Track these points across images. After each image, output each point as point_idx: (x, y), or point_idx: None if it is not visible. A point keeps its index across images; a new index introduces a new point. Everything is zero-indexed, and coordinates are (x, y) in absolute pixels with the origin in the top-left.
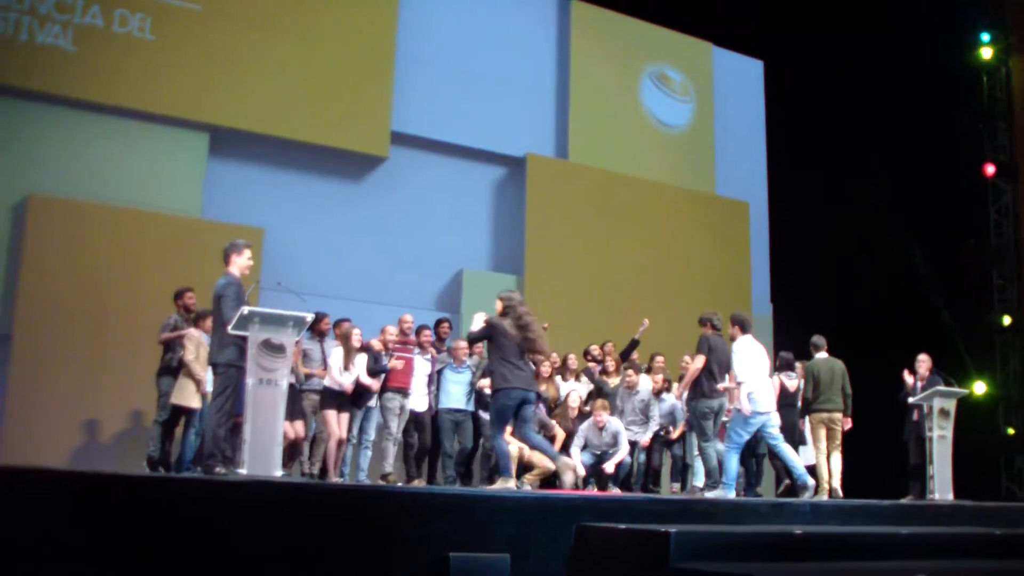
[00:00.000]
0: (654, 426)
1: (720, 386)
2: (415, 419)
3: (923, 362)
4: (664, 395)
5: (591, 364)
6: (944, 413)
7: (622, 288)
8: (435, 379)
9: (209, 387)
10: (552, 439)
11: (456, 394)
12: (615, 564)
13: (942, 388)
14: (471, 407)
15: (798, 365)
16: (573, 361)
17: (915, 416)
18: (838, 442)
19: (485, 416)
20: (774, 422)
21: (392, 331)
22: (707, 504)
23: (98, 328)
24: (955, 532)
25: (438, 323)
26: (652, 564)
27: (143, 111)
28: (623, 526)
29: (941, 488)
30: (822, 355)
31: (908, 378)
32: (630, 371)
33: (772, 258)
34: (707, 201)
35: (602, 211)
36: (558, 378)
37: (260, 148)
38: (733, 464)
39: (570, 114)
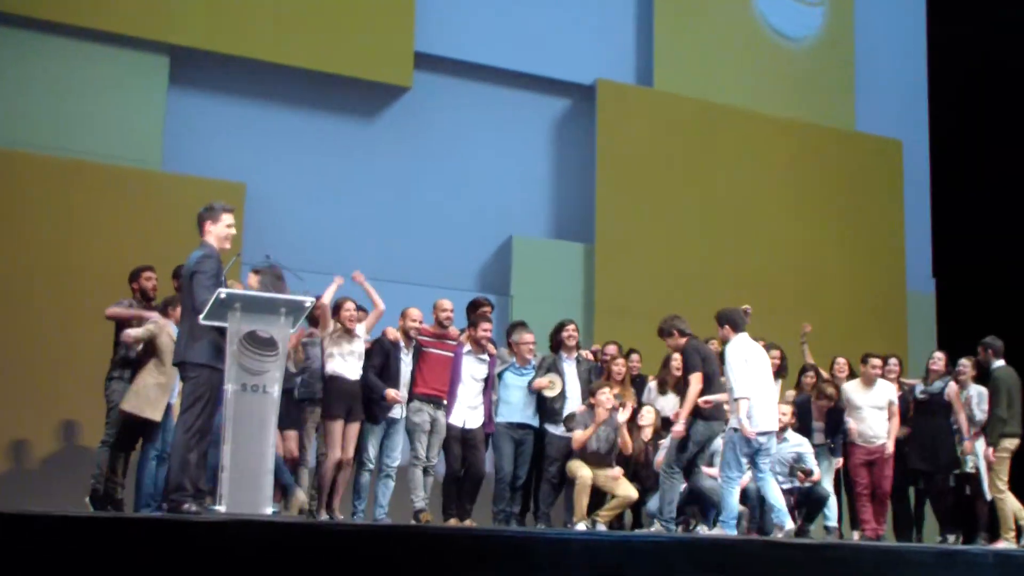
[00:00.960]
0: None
1: (704, 400)
2: (463, 438)
3: None
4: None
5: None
6: None
7: (725, 261)
8: (494, 385)
9: (175, 396)
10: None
11: (519, 403)
12: None
13: None
14: (535, 420)
15: (965, 363)
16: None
17: None
18: None
19: (554, 431)
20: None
21: (416, 315)
22: (846, 551)
23: (26, 317)
24: None
25: (474, 306)
26: None
27: (78, 26)
28: None
29: None
30: (1000, 363)
31: None
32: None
33: (935, 218)
34: (845, 140)
35: (700, 156)
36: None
37: (236, 77)
38: (734, 498)
39: (655, 25)
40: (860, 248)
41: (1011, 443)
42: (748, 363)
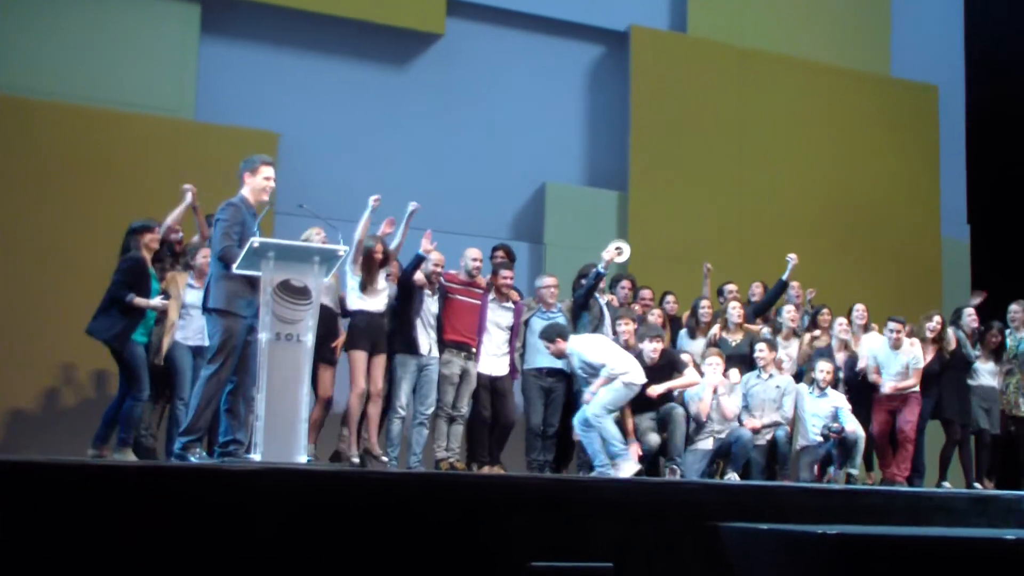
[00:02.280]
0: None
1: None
2: (492, 386)
3: None
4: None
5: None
6: None
7: (761, 208)
8: (520, 333)
9: (199, 339)
10: None
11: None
12: None
13: None
14: (566, 365)
15: (1016, 308)
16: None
17: None
18: None
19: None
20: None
21: (438, 257)
22: (879, 497)
23: (58, 269)
24: None
25: (498, 251)
26: None
27: None
28: (765, 527)
29: None
30: None
31: None
32: (763, 346)
33: (970, 163)
34: (880, 85)
35: (734, 102)
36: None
37: (269, 25)
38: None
39: None
40: (895, 194)
41: None
42: (602, 348)
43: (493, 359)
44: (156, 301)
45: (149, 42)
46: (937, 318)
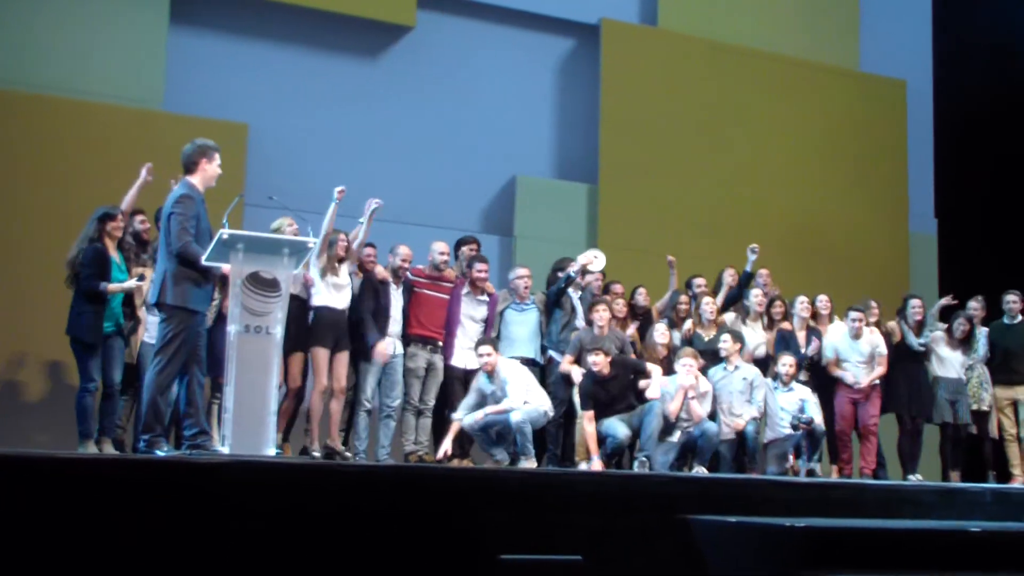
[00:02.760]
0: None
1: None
2: (466, 379)
3: None
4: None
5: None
6: None
7: (730, 201)
8: (495, 325)
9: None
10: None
11: (522, 338)
12: (723, 570)
13: None
14: (540, 356)
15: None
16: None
17: None
18: None
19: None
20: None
21: (405, 252)
22: (849, 490)
23: (25, 259)
24: None
25: (459, 245)
26: (773, 571)
27: None
28: (735, 519)
29: None
30: None
31: None
32: (727, 337)
33: (937, 158)
34: (849, 80)
35: (704, 96)
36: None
37: (238, 16)
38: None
39: None
40: (863, 188)
41: None
42: (517, 380)
43: (467, 352)
44: (130, 283)
45: (118, 31)
46: (873, 303)
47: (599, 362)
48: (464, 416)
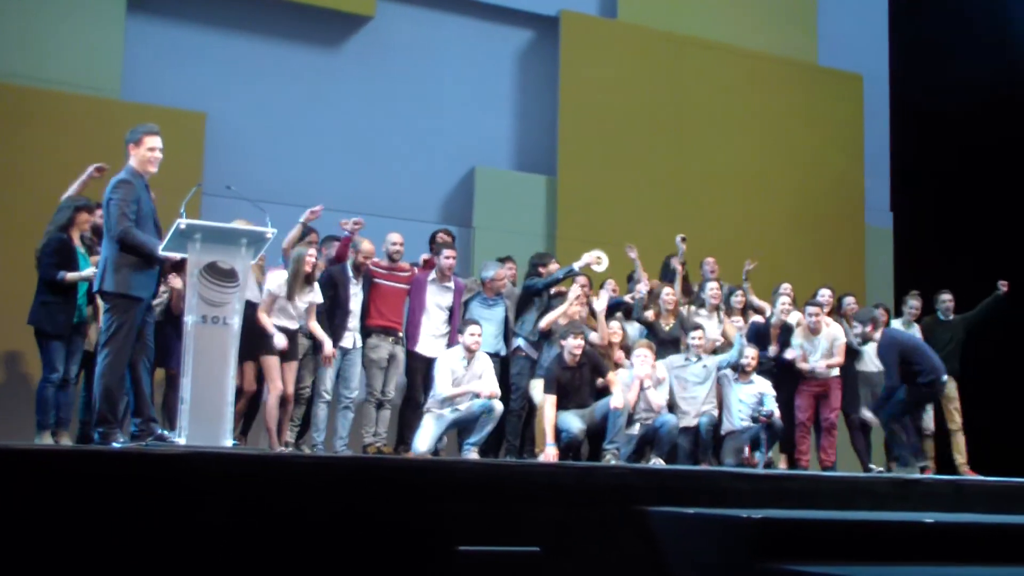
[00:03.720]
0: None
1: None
2: (428, 367)
3: None
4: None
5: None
6: None
7: (689, 193)
8: (460, 315)
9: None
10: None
11: (487, 333)
12: (681, 561)
13: None
14: (504, 349)
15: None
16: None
17: None
18: None
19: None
20: None
21: (368, 248)
22: (806, 482)
23: None
24: None
25: (434, 237)
26: (730, 561)
27: None
28: (693, 511)
29: None
30: None
31: None
32: (700, 332)
33: (894, 151)
34: (807, 73)
35: (663, 88)
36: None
37: (199, 4)
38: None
39: None
40: (820, 181)
41: None
42: (442, 371)
43: (431, 339)
44: (88, 271)
45: (74, 19)
46: (826, 291)
47: (579, 345)
48: (452, 393)
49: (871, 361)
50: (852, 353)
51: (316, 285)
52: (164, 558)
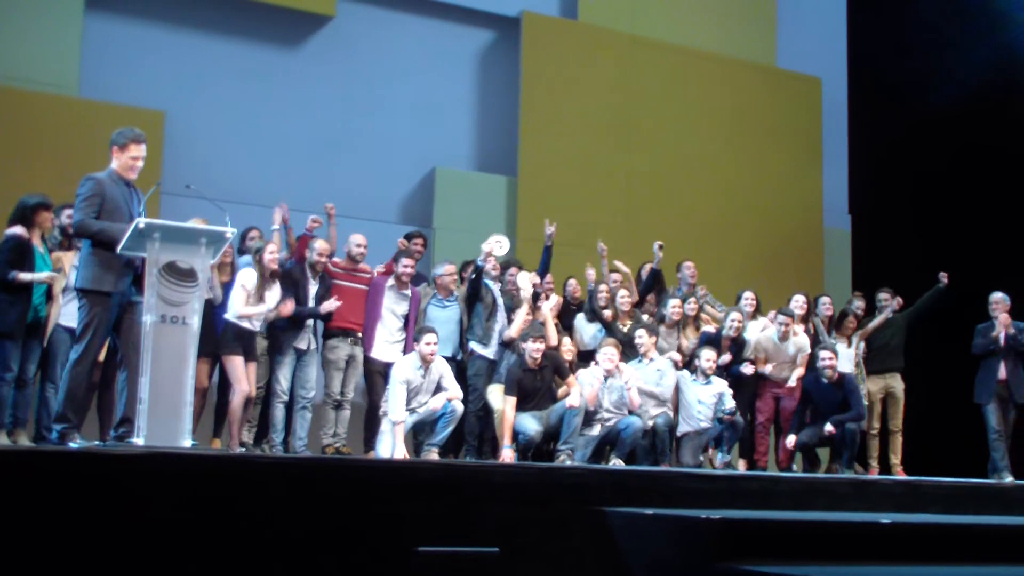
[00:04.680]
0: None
1: None
2: (386, 372)
3: (999, 304)
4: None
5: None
6: None
7: (649, 194)
8: (418, 320)
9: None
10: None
11: (443, 336)
12: (640, 561)
13: None
14: (459, 353)
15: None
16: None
17: (1001, 374)
18: None
19: (482, 352)
20: None
21: (322, 246)
22: (764, 482)
23: None
24: None
25: (415, 238)
26: (688, 561)
27: None
28: (651, 511)
29: None
30: None
31: (1001, 326)
32: (642, 332)
33: (852, 154)
34: (765, 76)
35: (623, 89)
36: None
37: (157, 1)
38: None
39: None
40: (779, 183)
41: None
42: (395, 382)
43: (386, 345)
44: (43, 274)
45: (32, 16)
46: (801, 298)
47: (540, 349)
48: (405, 418)
49: (847, 360)
50: None
51: (277, 283)
52: (120, 558)
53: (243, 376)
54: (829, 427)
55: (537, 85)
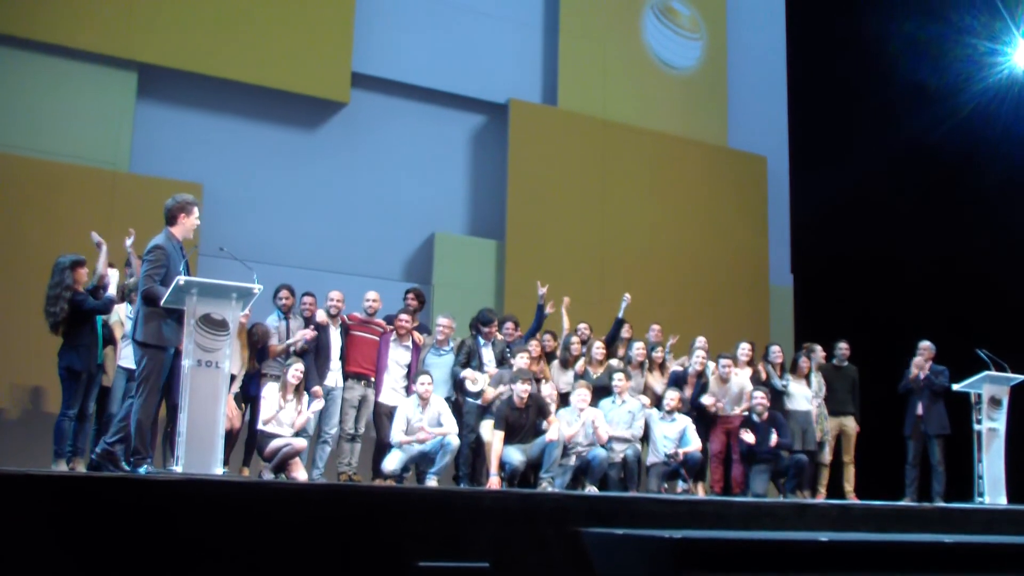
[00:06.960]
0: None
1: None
2: (390, 414)
3: (925, 350)
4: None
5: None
6: (995, 402)
7: (618, 257)
8: (417, 369)
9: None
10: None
11: (439, 380)
12: (611, 574)
13: (993, 373)
14: (453, 394)
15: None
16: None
17: (919, 410)
18: None
19: (472, 401)
20: None
21: (336, 296)
22: (718, 506)
23: (3, 300)
24: (1009, 542)
25: (408, 294)
26: (654, 574)
27: (59, 45)
28: (620, 531)
29: (992, 490)
30: None
31: (915, 368)
32: (620, 376)
33: (793, 222)
34: (718, 155)
35: (596, 166)
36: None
37: (197, 91)
38: None
39: (559, 53)
40: (730, 247)
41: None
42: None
43: (392, 391)
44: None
45: (91, 103)
46: (745, 345)
47: (527, 390)
48: (401, 439)
49: (799, 401)
50: (778, 394)
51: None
52: (157, 567)
53: (235, 413)
54: (749, 436)
55: (523, 162)
